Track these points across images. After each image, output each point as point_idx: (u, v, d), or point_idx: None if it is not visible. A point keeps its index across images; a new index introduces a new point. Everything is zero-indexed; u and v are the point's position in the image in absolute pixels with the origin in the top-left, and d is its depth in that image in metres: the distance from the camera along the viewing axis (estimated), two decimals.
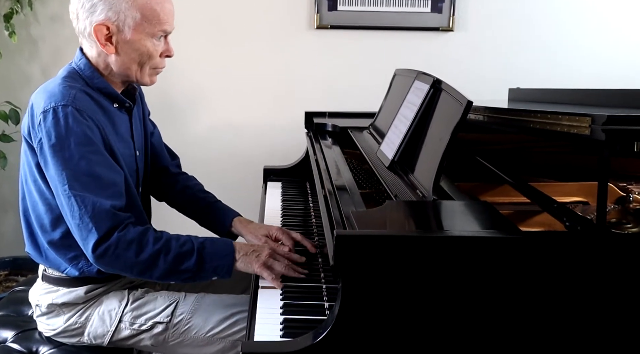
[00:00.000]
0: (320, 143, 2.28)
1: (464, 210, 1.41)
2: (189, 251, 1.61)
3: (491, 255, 1.19)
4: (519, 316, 1.21)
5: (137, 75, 1.72)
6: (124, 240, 1.57)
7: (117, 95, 1.73)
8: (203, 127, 3.22)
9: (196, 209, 2.01)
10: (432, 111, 1.67)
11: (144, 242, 1.58)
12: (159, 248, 1.59)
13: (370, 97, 2.74)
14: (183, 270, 1.60)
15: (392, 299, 1.20)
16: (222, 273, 1.63)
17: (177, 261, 1.59)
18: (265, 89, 3.18)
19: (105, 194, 1.59)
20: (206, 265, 1.61)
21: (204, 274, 1.62)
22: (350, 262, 1.19)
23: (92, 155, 1.59)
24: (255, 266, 1.62)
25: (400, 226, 1.36)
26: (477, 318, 1.21)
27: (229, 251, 1.64)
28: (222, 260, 1.63)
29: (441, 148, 1.47)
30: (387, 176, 1.68)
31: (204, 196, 2.03)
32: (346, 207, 1.49)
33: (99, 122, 1.64)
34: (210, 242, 1.65)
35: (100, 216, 1.56)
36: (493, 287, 1.20)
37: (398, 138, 1.75)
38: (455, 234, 1.22)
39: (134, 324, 1.74)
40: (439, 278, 1.19)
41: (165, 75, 1.83)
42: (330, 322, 1.21)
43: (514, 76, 3.10)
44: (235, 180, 3.19)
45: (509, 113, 1.71)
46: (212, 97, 3.20)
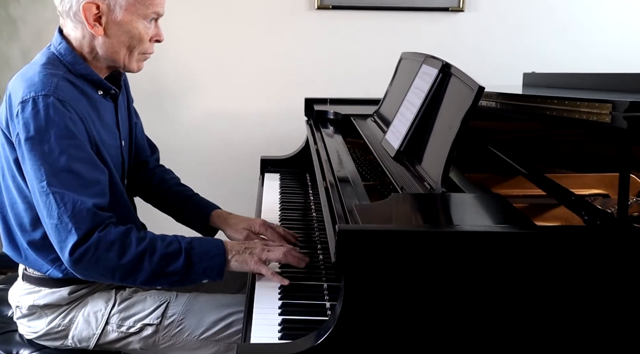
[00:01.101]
0: (321, 131, 2.28)
1: (474, 203, 1.41)
2: (175, 252, 1.59)
3: (504, 252, 1.19)
4: (534, 318, 1.21)
5: (125, 60, 1.70)
6: (104, 241, 1.55)
7: (102, 81, 1.72)
8: (195, 116, 3.22)
9: (172, 204, 2.02)
10: (440, 97, 1.67)
11: (127, 243, 1.57)
12: (143, 249, 1.57)
13: (375, 82, 2.74)
14: (170, 272, 1.58)
15: (398, 298, 1.20)
16: (213, 274, 1.61)
17: (163, 263, 1.58)
18: (263, 74, 3.17)
19: (87, 192, 1.57)
20: (195, 266, 1.59)
21: (193, 276, 1.61)
22: (353, 259, 1.19)
23: (73, 149, 1.57)
24: (251, 264, 1.62)
25: (407, 221, 1.35)
26: (489, 320, 1.21)
27: (220, 250, 1.63)
28: (212, 261, 1.61)
29: (450, 137, 1.47)
30: (392, 167, 1.68)
31: (179, 189, 2.04)
32: (349, 200, 1.48)
33: (83, 114, 1.62)
34: (199, 242, 1.63)
35: (80, 216, 1.54)
36: (506, 286, 1.20)
37: (404, 126, 1.75)
38: (466, 229, 1.21)
39: (121, 326, 1.74)
40: (448, 277, 1.19)
41: (154, 59, 1.82)
42: (332, 323, 1.21)
43: (528, 59, 3.10)
44: (230, 171, 3.19)
45: (523, 99, 1.70)
46: (205, 83, 3.19)
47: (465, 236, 1.20)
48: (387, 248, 1.18)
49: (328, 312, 1.46)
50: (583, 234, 1.24)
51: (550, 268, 1.20)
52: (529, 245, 1.20)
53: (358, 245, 1.19)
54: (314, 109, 2.55)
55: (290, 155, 2.63)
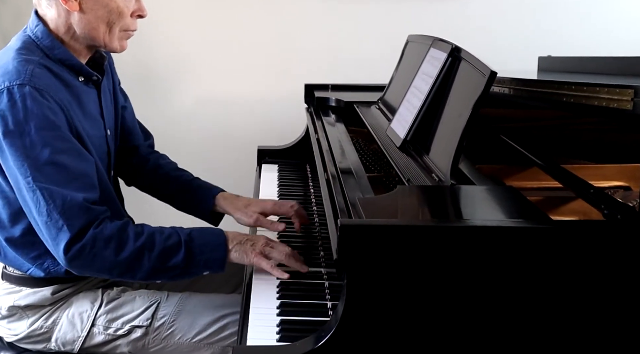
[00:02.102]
0: (322, 120, 2.28)
1: (486, 196, 1.41)
2: (175, 245, 1.60)
3: (518, 248, 1.19)
4: (550, 319, 1.21)
5: (106, 39, 1.68)
6: (100, 238, 1.55)
7: (82, 67, 1.71)
8: (187, 102, 3.22)
9: (171, 190, 2.01)
10: (450, 83, 1.67)
11: (124, 238, 1.57)
12: (142, 244, 1.58)
13: (380, 67, 2.73)
14: (171, 266, 1.59)
15: (404, 298, 1.20)
16: (215, 266, 1.62)
17: (163, 257, 1.58)
18: (260, 58, 3.17)
19: (75, 186, 1.57)
20: (196, 258, 1.60)
21: (195, 269, 1.62)
22: (357, 256, 1.19)
23: (56, 141, 1.57)
24: (251, 256, 1.62)
25: (414, 215, 1.36)
26: (503, 322, 1.21)
27: (221, 241, 1.63)
28: (213, 252, 1.62)
29: (460, 125, 1.46)
30: (398, 157, 1.68)
31: (178, 174, 2.02)
32: (352, 193, 1.48)
33: (62, 102, 1.61)
34: (199, 233, 1.64)
35: (72, 212, 1.54)
36: (521, 286, 1.20)
37: (411, 114, 1.75)
38: (477, 224, 1.21)
39: (108, 328, 1.74)
40: (457, 275, 1.19)
41: (142, 41, 1.82)
42: (334, 324, 1.21)
43: (544, 42, 3.08)
44: (225, 162, 3.19)
45: (538, 85, 1.70)
46: (198, 67, 3.19)
47: (475, 232, 1.19)
48: (393, 244, 1.18)
49: (329, 312, 1.46)
50: (602, 229, 1.24)
51: (567, 266, 1.20)
52: (544, 241, 1.19)
53: (361, 240, 1.19)
54: (314, 96, 2.54)
55: (289, 144, 2.62)
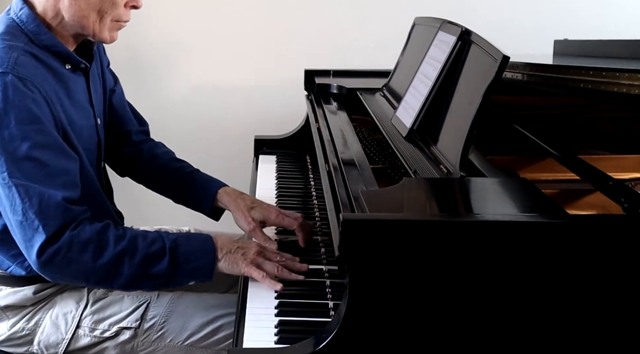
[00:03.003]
0: (324, 108, 2.28)
1: (498, 189, 1.41)
2: (159, 252, 1.58)
3: (532, 244, 1.19)
4: (566, 318, 1.21)
5: (95, 28, 1.67)
6: (77, 241, 1.54)
7: (70, 54, 1.71)
8: (179, 90, 3.22)
9: (169, 183, 2.00)
10: (459, 68, 1.67)
11: (103, 242, 1.56)
12: (122, 250, 1.56)
13: (384, 52, 2.72)
14: (153, 274, 1.58)
15: (410, 297, 1.20)
16: (201, 276, 1.61)
17: (145, 264, 1.57)
18: (257, 42, 3.16)
19: (54, 184, 1.56)
20: (181, 267, 1.59)
21: (179, 278, 1.61)
22: (360, 252, 1.19)
23: (37, 135, 1.56)
24: (242, 266, 1.61)
25: (421, 209, 1.36)
26: (516, 322, 1.21)
27: (209, 249, 1.62)
28: (200, 260, 1.60)
29: (470, 113, 1.46)
30: (404, 148, 1.68)
31: (177, 165, 2.01)
32: (355, 186, 1.48)
33: (48, 93, 1.60)
34: (186, 239, 1.63)
35: (48, 212, 1.53)
36: (535, 284, 1.20)
37: (418, 102, 1.75)
38: (488, 218, 1.21)
39: (95, 330, 1.74)
40: (468, 273, 1.19)
41: (133, 25, 1.81)
42: (336, 325, 1.21)
43: (560, 25, 3.08)
44: (219, 153, 3.19)
45: (554, 70, 1.70)
46: (192, 52, 3.19)
47: (486, 227, 1.19)
48: (398, 240, 1.18)
49: (331, 313, 1.46)
50: (622, 224, 1.24)
51: (585, 264, 1.20)
52: (560, 237, 1.19)
53: (365, 236, 1.19)
54: (315, 82, 2.54)
55: (288, 134, 2.63)
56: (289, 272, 1.61)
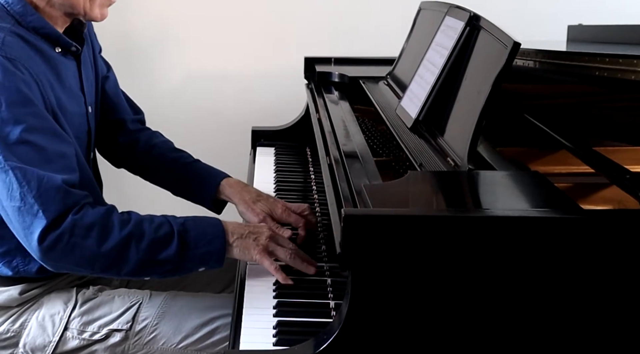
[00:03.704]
0: (324, 97, 2.28)
1: (508, 183, 1.41)
2: (167, 236, 1.57)
3: (544, 241, 1.19)
4: (580, 317, 1.21)
5: (86, 6, 1.67)
6: (81, 225, 1.53)
7: (60, 36, 1.71)
8: (173, 78, 3.21)
9: (168, 174, 2.00)
10: (467, 56, 1.67)
11: (108, 226, 1.55)
12: (129, 234, 1.55)
13: (388, 38, 2.72)
14: (162, 260, 1.57)
15: (415, 296, 1.20)
16: (212, 261, 1.60)
17: (153, 249, 1.56)
18: (254, 28, 3.16)
19: (52, 167, 1.55)
20: (191, 252, 1.58)
21: (189, 264, 1.59)
22: (363, 249, 1.19)
23: (30, 118, 1.55)
24: (254, 253, 1.60)
25: (427, 204, 1.36)
26: (528, 321, 1.21)
27: (219, 232, 1.61)
28: (211, 245, 1.59)
29: (479, 103, 1.46)
30: (409, 139, 1.68)
31: (177, 155, 2.02)
32: (357, 179, 1.49)
33: (38, 75, 1.60)
34: (194, 222, 1.62)
35: (49, 195, 1.52)
36: (547, 282, 1.20)
37: (424, 91, 1.75)
38: (497, 214, 1.22)
39: (83, 332, 1.74)
40: (476, 270, 1.19)
41: (122, 9, 1.81)
42: (337, 326, 1.21)
43: (574, 9, 3.07)
44: (214, 145, 3.19)
45: (567, 57, 1.70)
46: (185, 38, 3.18)
47: (496, 223, 1.19)
48: (403, 236, 1.18)
49: (332, 313, 1.46)
50: None
51: (600, 261, 1.20)
52: (574, 233, 1.19)
53: (368, 232, 1.19)
54: (315, 70, 2.54)
55: (287, 125, 2.63)
56: (301, 261, 1.61)
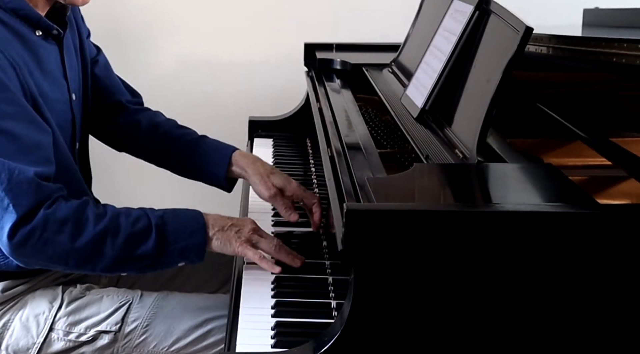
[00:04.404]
0: (325, 85, 2.28)
1: (519, 176, 1.41)
2: (144, 230, 1.58)
3: (558, 237, 1.19)
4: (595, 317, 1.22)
5: None
6: (53, 220, 1.53)
7: (40, 18, 1.70)
8: (166, 65, 3.21)
9: (175, 152, 2.01)
10: (477, 41, 1.67)
11: (82, 221, 1.55)
12: (104, 228, 1.56)
13: (393, 23, 2.72)
14: (139, 255, 1.58)
15: (421, 296, 1.20)
16: (192, 255, 1.61)
17: (129, 244, 1.57)
18: (252, 12, 3.16)
19: (26, 159, 1.55)
20: (170, 246, 1.59)
21: (168, 259, 1.60)
22: (366, 246, 1.19)
23: (6, 105, 1.55)
24: (235, 245, 1.62)
25: (433, 198, 1.36)
26: (538, 322, 1.21)
27: (199, 225, 1.62)
28: (190, 239, 1.60)
29: (489, 92, 1.46)
30: (415, 130, 1.68)
31: (182, 132, 2.03)
32: (360, 172, 1.48)
33: (15, 59, 1.60)
34: (173, 215, 1.63)
35: (20, 189, 1.52)
36: (560, 280, 1.20)
37: (430, 79, 1.75)
38: (508, 208, 1.22)
39: (69, 334, 1.74)
40: (486, 268, 1.19)
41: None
42: (339, 327, 1.21)
43: None
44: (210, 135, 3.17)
45: (583, 43, 1.70)
46: (179, 22, 3.18)
47: (507, 218, 1.20)
48: (408, 232, 1.19)
49: (333, 313, 1.47)
50: None
51: (617, 258, 1.20)
52: (590, 229, 1.19)
53: (371, 228, 1.19)
54: (316, 57, 2.54)
55: (286, 115, 2.63)
56: (286, 253, 1.62)
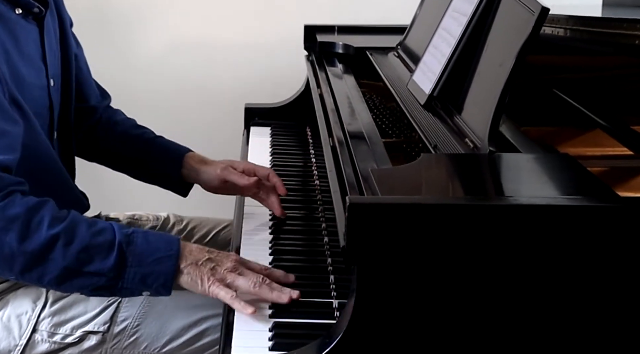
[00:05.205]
0: (327, 70, 2.28)
1: (534, 167, 1.41)
2: (105, 244, 1.50)
3: (575, 232, 1.19)
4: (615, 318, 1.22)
5: None
6: (2, 216, 1.48)
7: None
8: (155, 48, 3.21)
9: (132, 153, 2.03)
10: (489, 23, 1.67)
11: (35, 221, 1.49)
12: (57, 233, 1.49)
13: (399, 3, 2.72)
14: (93, 272, 1.49)
15: (429, 295, 1.20)
16: (156, 285, 1.52)
17: (84, 257, 1.49)
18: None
19: None
20: (131, 269, 1.50)
21: (127, 284, 1.51)
22: (370, 242, 1.19)
23: None
24: (206, 284, 1.51)
25: (442, 191, 1.36)
26: (553, 324, 1.22)
27: (170, 251, 1.53)
28: (157, 265, 1.51)
29: (502, 77, 1.46)
30: (422, 118, 1.69)
31: (140, 132, 2.05)
32: (364, 163, 1.49)
33: None
34: (143, 236, 1.54)
35: None
36: (578, 277, 1.20)
37: (439, 63, 1.75)
38: (522, 202, 1.22)
39: (54, 335, 1.75)
40: (498, 265, 1.19)
41: None
42: (341, 328, 1.21)
43: None
44: (203, 124, 3.19)
45: (603, 24, 1.70)
46: (169, 3, 3.18)
47: (521, 212, 1.20)
48: (415, 227, 1.19)
49: (335, 313, 1.47)
50: None
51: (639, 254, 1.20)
52: (610, 223, 1.19)
53: (376, 223, 1.19)
54: (316, 40, 2.54)
55: (285, 102, 2.63)
56: (269, 290, 1.48)
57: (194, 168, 1.95)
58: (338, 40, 2.51)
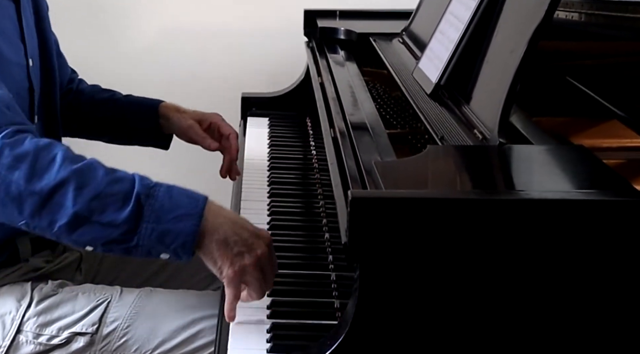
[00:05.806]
0: (328, 58, 2.29)
1: (546, 159, 1.41)
2: (122, 194, 1.43)
3: (590, 227, 1.19)
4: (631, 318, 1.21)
5: None
6: (10, 153, 1.44)
7: None
8: (149, 35, 3.21)
9: (104, 117, 2.11)
10: (499, 7, 1.67)
11: (46, 160, 1.44)
12: (70, 174, 1.43)
13: None
14: (106, 223, 1.42)
15: (435, 294, 1.20)
16: (175, 246, 1.43)
17: (97, 204, 1.42)
18: None
19: None
20: (146, 225, 1.42)
21: (143, 241, 1.43)
22: (373, 238, 1.19)
23: None
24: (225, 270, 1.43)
25: (449, 184, 1.36)
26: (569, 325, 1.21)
27: (196, 209, 1.43)
28: (177, 223, 1.42)
29: (513, 65, 1.46)
30: (429, 108, 1.69)
31: (108, 95, 2.15)
32: (367, 156, 1.49)
33: None
34: (166, 190, 1.46)
35: None
36: (593, 275, 1.20)
37: (446, 50, 1.75)
38: (534, 196, 1.22)
39: (40, 336, 1.75)
40: (508, 262, 1.19)
41: None
42: (343, 329, 1.21)
43: None
44: None
45: (620, 8, 1.69)
46: None
47: (533, 206, 1.19)
48: (421, 223, 1.18)
49: (337, 314, 1.47)
50: None
51: None
52: (628, 219, 1.19)
53: (379, 218, 1.19)
54: (317, 26, 2.55)
55: (284, 91, 2.63)
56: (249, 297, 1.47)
57: (168, 117, 2.08)
58: (340, 25, 2.51)
